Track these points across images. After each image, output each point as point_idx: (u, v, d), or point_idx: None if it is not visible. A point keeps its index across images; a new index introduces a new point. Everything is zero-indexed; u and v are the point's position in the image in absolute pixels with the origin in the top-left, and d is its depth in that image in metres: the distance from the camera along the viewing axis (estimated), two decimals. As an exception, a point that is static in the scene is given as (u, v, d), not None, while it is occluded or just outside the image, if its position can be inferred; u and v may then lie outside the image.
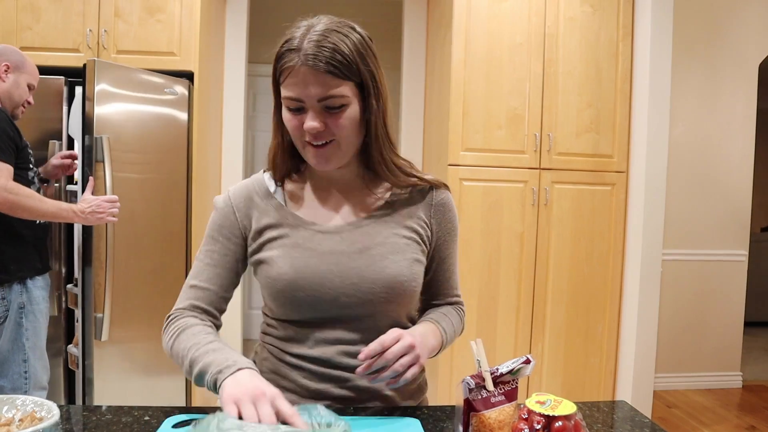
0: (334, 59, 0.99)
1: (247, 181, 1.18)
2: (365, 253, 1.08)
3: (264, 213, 1.13)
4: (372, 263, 1.07)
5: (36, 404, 0.91)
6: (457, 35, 3.04)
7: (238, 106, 3.68)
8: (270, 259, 1.09)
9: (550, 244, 3.14)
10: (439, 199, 1.18)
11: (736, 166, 4.03)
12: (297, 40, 1.03)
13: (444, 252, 1.19)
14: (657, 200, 3.10)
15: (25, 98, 2.29)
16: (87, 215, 2.23)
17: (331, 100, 1.00)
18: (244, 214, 1.13)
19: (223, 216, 1.14)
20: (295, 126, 1.05)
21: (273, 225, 1.11)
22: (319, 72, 0.98)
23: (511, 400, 0.94)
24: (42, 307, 2.24)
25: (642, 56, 3.10)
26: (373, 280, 1.07)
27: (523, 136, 3.09)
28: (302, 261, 1.07)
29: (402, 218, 1.13)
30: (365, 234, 1.10)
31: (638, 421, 1.11)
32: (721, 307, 4.06)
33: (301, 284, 1.06)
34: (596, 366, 3.22)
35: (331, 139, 1.03)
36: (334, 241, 1.09)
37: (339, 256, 1.08)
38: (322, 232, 1.10)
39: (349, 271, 1.07)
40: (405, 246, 1.11)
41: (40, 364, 2.24)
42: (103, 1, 2.83)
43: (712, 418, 3.52)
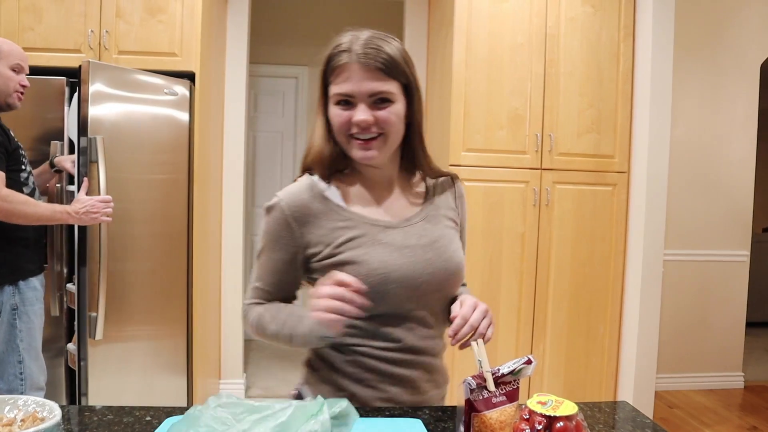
0: (383, 58, 1.08)
1: (298, 187, 1.19)
2: (433, 246, 1.18)
3: (326, 216, 1.16)
4: (441, 254, 1.18)
5: (38, 404, 0.91)
6: (459, 35, 3.04)
7: (240, 106, 3.68)
8: (356, 259, 1.12)
9: (551, 245, 3.14)
10: (460, 192, 1.32)
11: (737, 167, 4.02)
12: (346, 43, 1.10)
13: (463, 239, 1.30)
14: (658, 200, 3.09)
15: (13, 85, 2.19)
16: (81, 215, 2.23)
17: (380, 95, 1.09)
18: (302, 222, 1.16)
19: (279, 226, 1.17)
20: (343, 120, 1.11)
21: (342, 227, 1.15)
22: (370, 68, 1.07)
23: (512, 401, 0.94)
24: (36, 308, 2.22)
25: (643, 56, 3.10)
26: (445, 269, 1.17)
27: (525, 137, 3.09)
28: (387, 256, 1.13)
29: (444, 210, 1.25)
30: (424, 228, 1.20)
31: (639, 421, 1.11)
32: (723, 308, 4.05)
33: (392, 277, 1.12)
34: (598, 366, 3.22)
35: (379, 133, 1.11)
36: (402, 235, 1.17)
37: (413, 249, 1.16)
38: (388, 228, 1.17)
39: (424, 262, 1.15)
40: (454, 235, 1.24)
41: (35, 365, 2.23)
42: (105, 2, 2.84)
43: (713, 419, 3.52)
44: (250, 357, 4.42)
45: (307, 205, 1.16)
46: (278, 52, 4.95)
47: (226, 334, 3.73)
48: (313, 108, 4.94)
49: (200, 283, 3.01)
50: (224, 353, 3.73)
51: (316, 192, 1.17)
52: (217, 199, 3.56)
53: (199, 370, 3.00)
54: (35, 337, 2.23)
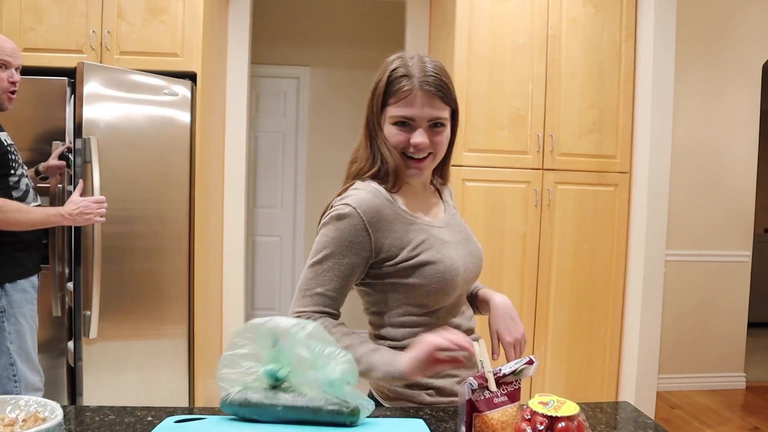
0: (441, 86, 1.20)
1: (369, 194, 1.22)
2: (470, 239, 1.36)
3: (397, 221, 1.23)
4: (475, 247, 1.36)
5: (39, 404, 0.91)
6: (460, 36, 3.04)
7: (241, 106, 3.68)
8: (432, 259, 1.22)
9: (552, 245, 3.14)
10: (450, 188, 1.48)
11: (739, 167, 4.02)
12: (404, 68, 1.21)
13: None
14: (660, 201, 3.09)
15: (2, 84, 2.13)
16: (75, 217, 2.22)
17: (437, 120, 1.21)
18: (377, 227, 1.20)
19: (355, 231, 1.19)
20: (401, 140, 1.22)
21: (413, 230, 1.24)
22: (431, 95, 1.19)
23: (514, 401, 0.94)
24: (25, 310, 2.19)
25: (645, 57, 3.10)
26: (479, 257, 1.36)
27: (526, 137, 3.09)
28: (454, 253, 1.26)
29: (452, 206, 1.42)
30: (457, 225, 1.36)
31: (641, 422, 1.11)
32: (725, 308, 4.05)
33: (460, 271, 1.26)
34: (599, 367, 3.22)
35: (429, 153, 1.23)
36: (449, 234, 1.30)
37: (461, 244, 1.31)
38: (438, 227, 1.29)
39: (468, 255, 1.31)
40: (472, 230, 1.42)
41: (28, 366, 2.21)
42: (106, 3, 2.84)
43: (715, 419, 3.51)
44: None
45: (381, 210, 1.21)
46: (280, 52, 4.95)
47: (228, 335, 3.73)
48: (314, 108, 4.95)
49: (202, 283, 3.02)
50: (226, 353, 3.73)
51: (385, 198, 1.23)
52: (219, 200, 3.57)
53: (201, 371, 3.00)
54: (26, 339, 2.20)
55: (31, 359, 2.23)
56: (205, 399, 3.16)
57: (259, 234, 5.04)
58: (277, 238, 5.07)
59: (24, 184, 2.22)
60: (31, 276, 2.25)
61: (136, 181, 2.77)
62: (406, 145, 1.22)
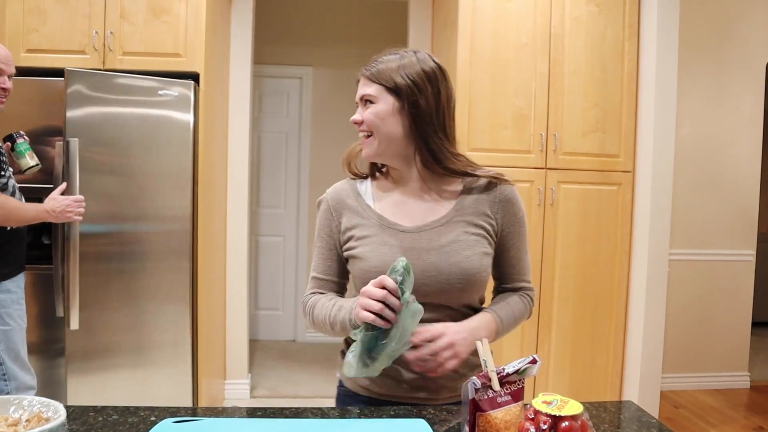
0: (373, 68, 1.26)
1: (341, 183, 1.38)
2: (442, 250, 1.24)
3: (353, 212, 1.31)
4: (448, 258, 1.24)
5: (42, 404, 0.91)
6: (463, 35, 3.04)
7: (244, 107, 3.69)
8: (362, 255, 1.26)
9: (556, 244, 3.13)
10: (503, 195, 1.32)
11: (743, 166, 4.01)
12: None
13: (508, 243, 1.33)
14: (663, 200, 3.08)
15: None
16: (57, 214, 2.31)
17: (364, 97, 1.27)
18: (338, 213, 1.33)
19: (325, 215, 1.35)
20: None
21: (361, 224, 1.29)
22: (364, 78, 1.28)
23: (517, 400, 0.94)
24: (11, 310, 2.21)
25: (648, 55, 3.09)
26: (449, 273, 1.23)
27: (529, 136, 3.09)
28: (389, 256, 1.22)
29: (471, 216, 1.29)
30: (440, 233, 1.26)
31: (645, 421, 1.11)
32: (729, 307, 4.04)
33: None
34: (603, 366, 3.21)
35: (370, 132, 1.27)
36: (412, 239, 1.26)
37: (419, 252, 1.24)
38: (404, 232, 1.27)
39: (428, 265, 1.23)
40: (474, 242, 1.27)
41: (17, 365, 2.23)
42: (109, 3, 2.84)
43: (719, 419, 3.50)
44: (255, 357, 4.43)
45: (344, 199, 1.34)
46: (282, 52, 4.95)
47: (231, 335, 3.73)
48: (317, 108, 4.96)
49: (205, 283, 3.02)
50: (229, 354, 3.74)
51: (353, 189, 1.35)
52: (222, 200, 3.57)
53: (205, 371, 3.01)
54: (13, 338, 2.21)
55: (20, 358, 2.25)
56: (209, 399, 3.16)
57: (263, 234, 5.05)
58: (280, 238, 5.08)
59: (11, 185, 2.25)
60: (14, 276, 2.26)
61: (137, 181, 2.78)
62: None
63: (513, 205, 1.33)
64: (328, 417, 1.07)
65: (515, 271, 1.37)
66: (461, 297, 1.27)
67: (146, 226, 2.80)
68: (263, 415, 1.08)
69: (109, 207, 2.77)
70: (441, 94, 1.28)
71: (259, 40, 3.97)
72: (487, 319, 1.27)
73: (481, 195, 1.31)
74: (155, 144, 2.80)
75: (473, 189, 1.31)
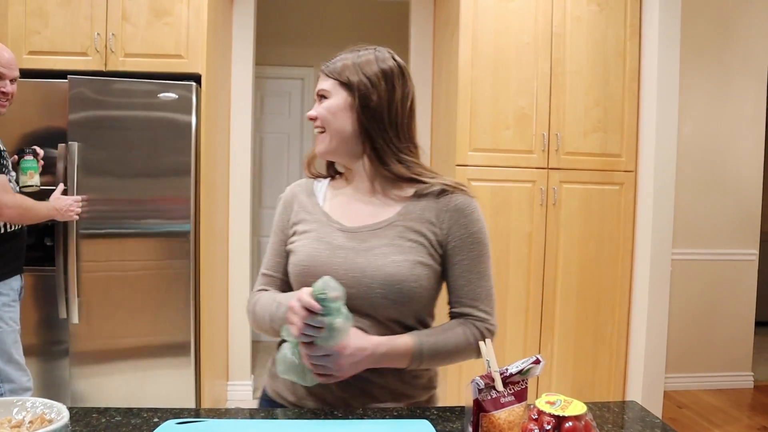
0: (332, 65, 1.25)
1: (301, 181, 1.38)
2: (370, 252, 1.17)
3: (302, 208, 1.30)
4: (374, 261, 1.16)
5: (45, 406, 0.91)
6: (464, 35, 3.04)
7: (246, 108, 3.69)
8: (295, 249, 1.24)
9: (558, 244, 3.13)
10: (453, 204, 1.22)
11: (745, 165, 4.00)
12: None
13: (455, 258, 1.21)
14: (666, 199, 3.08)
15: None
16: (63, 212, 2.48)
17: (319, 92, 1.26)
18: (290, 209, 1.32)
19: (280, 210, 1.34)
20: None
21: (306, 219, 1.27)
22: (322, 74, 1.26)
23: (520, 401, 0.93)
24: (2, 312, 2.22)
25: (650, 55, 3.09)
26: (372, 277, 1.14)
27: (531, 136, 3.08)
28: (317, 251, 1.20)
29: (413, 222, 1.20)
30: (375, 236, 1.20)
31: (649, 421, 1.11)
32: (732, 307, 4.03)
33: (313, 271, 1.17)
34: (606, 366, 3.21)
35: (323, 127, 1.25)
36: (349, 239, 1.20)
37: (348, 251, 1.18)
38: (342, 231, 1.22)
39: (353, 265, 1.16)
40: (409, 248, 1.17)
41: (11, 367, 2.23)
42: (111, 5, 2.85)
43: (723, 419, 3.50)
44: (258, 359, 4.42)
45: (297, 195, 1.33)
46: (284, 53, 4.96)
47: (234, 336, 3.73)
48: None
49: (208, 284, 3.02)
50: (232, 355, 3.74)
51: (308, 186, 1.34)
52: (224, 201, 3.57)
53: (207, 372, 3.01)
54: (6, 340, 2.22)
55: (14, 360, 2.25)
56: (212, 400, 3.16)
57: (265, 235, 5.04)
58: (282, 239, 5.07)
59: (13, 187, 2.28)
60: (7, 279, 2.26)
61: (140, 183, 2.78)
62: None
63: (465, 216, 1.21)
64: (331, 418, 1.06)
65: (463, 294, 1.21)
66: (387, 308, 1.15)
67: (149, 227, 2.81)
68: (266, 416, 1.08)
69: (112, 208, 2.77)
70: (395, 92, 1.23)
71: (260, 41, 3.97)
72: (403, 344, 1.14)
73: (430, 202, 1.22)
74: (157, 145, 2.80)
75: (425, 195, 1.22)
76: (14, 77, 2.28)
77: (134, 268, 2.80)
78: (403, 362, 1.15)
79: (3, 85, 2.23)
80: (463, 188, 1.24)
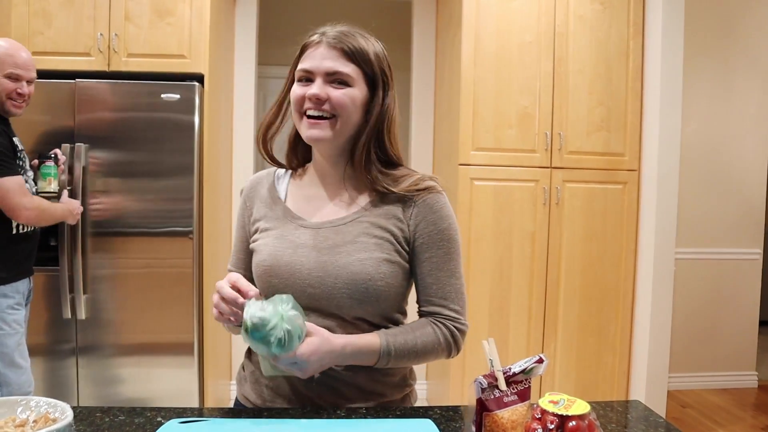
0: (350, 44, 1.10)
1: (263, 171, 1.31)
2: (334, 250, 1.12)
3: (264, 203, 1.24)
4: (337, 260, 1.11)
5: (50, 405, 0.91)
6: (467, 34, 3.03)
7: (248, 107, 3.69)
8: (257, 247, 1.19)
9: (561, 244, 3.12)
10: (422, 199, 1.16)
11: (749, 164, 3.99)
12: (324, 28, 1.15)
13: (423, 255, 1.16)
14: (669, 198, 3.07)
15: (6, 93, 2.17)
16: (75, 215, 2.53)
17: (337, 74, 1.10)
18: (251, 203, 1.26)
19: (241, 205, 1.28)
20: (299, 96, 1.13)
21: (268, 216, 1.21)
22: (334, 49, 1.10)
23: (524, 400, 0.93)
24: (4, 314, 2.19)
25: (653, 53, 3.08)
26: (336, 276, 1.10)
27: (534, 135, 3.08)
28: (280, 250, 1.15)
29: (379, 218, 1.15)
30: (340, 233, 1.14)
31: (652, 420, 1.10)
32: (736, 306, 4.02)
33: (276, 271, 1.14)
34: (609, 365, 3.20)
35: (332, 114, 1.11)
36: (311, 236, 1.15)
37: (310, 249, 1.13)
38: (304, 227, 1.17)
39: (316, 264, 1.12)
40: (374, 246, 1.12)
41: (11, 370, 2.21)
42: (114, 5, 2.85)
43: (727, 419, 3.49)
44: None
45: (257, 188, 1.27)
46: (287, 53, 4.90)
47: (237, 336, 3.73)
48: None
49: (211, 284, 3.02)
50: (235, 355, 3.74)
51: (270, 180, 1.27)
52: (227, 201, 3.57)
53: (211, 372, 3.01)
54: (8, 344, 2.19)
55: (15, 363, 2.23)
56: (215, 400, 3.17)
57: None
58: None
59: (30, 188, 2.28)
60: (14, 281, 2.24)
61: (143, 183, 2.79)
62: (303, 101, 1.11)
63: (433, 212, 1.16)
64: (334, 417, 1.06)
65: (432, 293, 1.17)
66: (353, 308, 1.11)
67: (152, 226, 2.81)
68: (269, 415, 1.08)
69: (116, 208, 2.78)
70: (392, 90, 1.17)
71: (263, 41, 3.97)
72: (370, 343, 1.10)
73: (397, 197, 1.16)
74: (160, 146, 2.81)
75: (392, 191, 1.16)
76: (31, 78, 2.26)
77: (138, 266, 2.81)
78: (371, 361, 1.11)
79: (20, 87, 2.20)
80: (432, 182, 1.18)
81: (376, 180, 1.15)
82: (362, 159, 1.15)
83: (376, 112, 1.13)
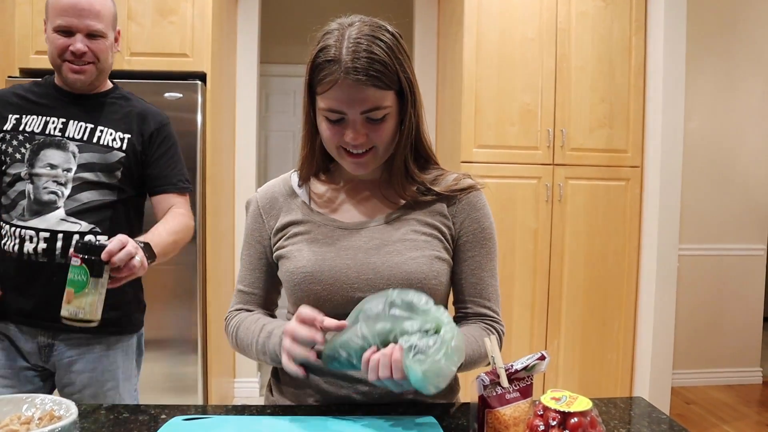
0: (375, 69, 0.98)
1: (275, 181, 1.22)
2: (382, 250, 1.07)
3: (288, 211, 1.15)
4: (388, 260, 1.05)
5: (54, 403, 0.92)
6: (469, 31, 3.03)
7: (251, 106, 3.70)
8: (290, 254, 1.11)
9: (564, 241, 3.12)
10: (466, 197, 1.14)
11: (753, 160, 3.98)
12: (334, 48, 1.00)
13: (466, 253, 1.14)
14: (672, 195, 3.07)
15: (57, 52, 1.58)
16: None
17: (374, 112, 1.01)
18: (270, 215, 1.17)
19: (253, 219, 1.19)
20: (332, 135, 1.04)
21: (295, 222, 1.13)
22: (362, 85, 0.98)
23: (526, 397, 0.93)
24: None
25: (655, 50, 3.08)
26: (389, 277, 1.04)
27: (536, 132, 3.08)
28: (320, 255, 1.07)
29: (423, 215, 1.11)
30: (385, 231, 1.09)
31: (656, 417, 1.10)
32: (740, 303, 4.01)
33: (318, 277, 1.06)
34: (613, 362, 3.20)
35: (371, 146, 1.05)
36: (353, 237, 1.09)
37: (356, 251, 1.07)
38: (342, 229, 1.10)
39: (364, 266, 1.06)
40: (424, 243, 1.08)
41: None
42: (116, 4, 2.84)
43: (731, 415, 3.48)
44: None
45: (276, 197, 1.18)
46: (289, 51, 4.95)
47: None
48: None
49: (214, 282, 3.03)
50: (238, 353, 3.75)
51: (288, 187, 1.18)
52: (230, 199, 3.58)
53: (214, 369, 3.02)
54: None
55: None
56: (219, 397, 3.18)
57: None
58: (288, 236, 5.08)
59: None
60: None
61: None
62: (339, 140, 1.04)
63: (477, 210, 1.14)
64: (338, 415, 1.07)
65: (475, 292, 1.13)
66: None
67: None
68: (272, 413, 1.09)
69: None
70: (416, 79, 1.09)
71: (265, 39, 3.97)
72: None
73: (439, 194, 1.12)
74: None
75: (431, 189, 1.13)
76: (92, 29, 1.60)
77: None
78: None
79: (72, 42, 1.58)
80: (473, 180, 1.16)
81: (415, 181, 1.11)
82: (402, 166, 1.10)
83: (408, 121, 1.07)
